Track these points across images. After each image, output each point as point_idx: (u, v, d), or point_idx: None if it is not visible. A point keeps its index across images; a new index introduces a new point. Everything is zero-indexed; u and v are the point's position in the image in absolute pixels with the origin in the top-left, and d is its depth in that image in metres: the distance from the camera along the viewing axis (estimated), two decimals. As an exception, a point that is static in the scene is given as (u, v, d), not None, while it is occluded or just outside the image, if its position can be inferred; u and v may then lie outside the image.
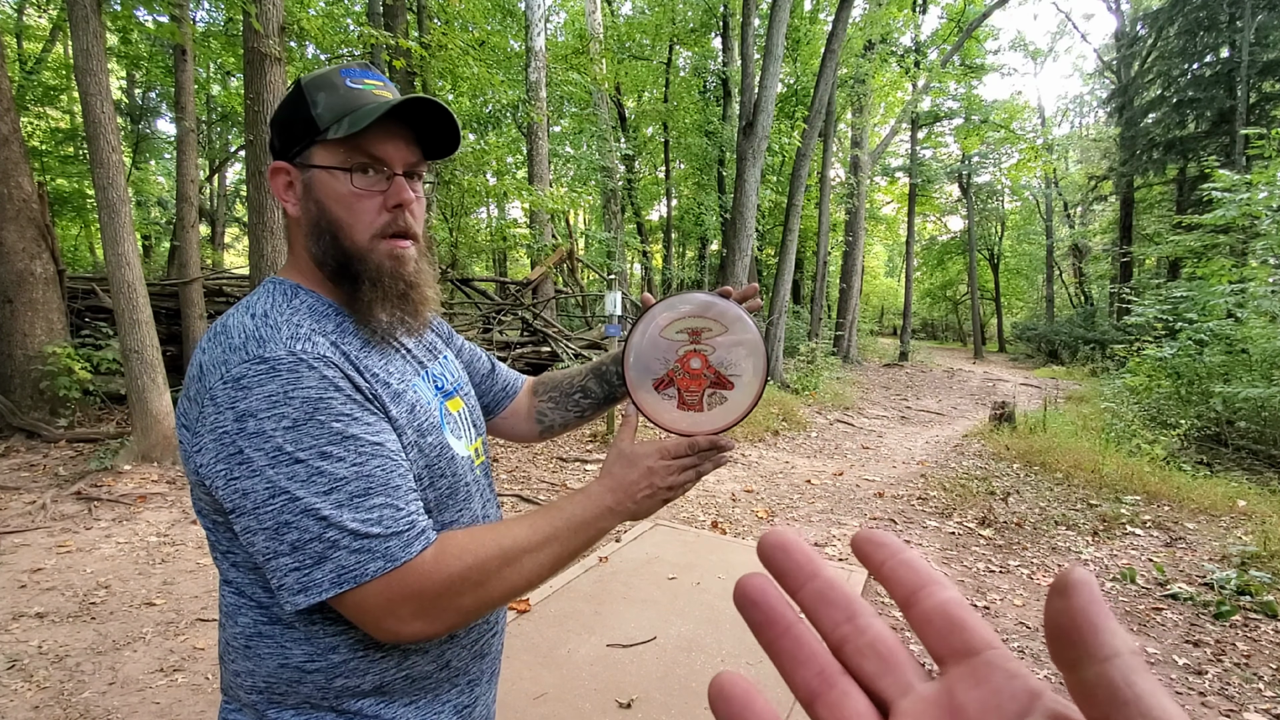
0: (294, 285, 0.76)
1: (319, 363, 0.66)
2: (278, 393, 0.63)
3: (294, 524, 0.62)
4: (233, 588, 0.73)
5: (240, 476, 0.63)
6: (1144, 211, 19.57)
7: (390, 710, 0.74)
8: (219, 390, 0.64)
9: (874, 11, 14.43)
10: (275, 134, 0.76)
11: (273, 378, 0.64)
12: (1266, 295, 7.10)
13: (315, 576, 0.63)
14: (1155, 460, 5.80)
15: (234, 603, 0.73)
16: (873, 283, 31.00)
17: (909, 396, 12.16)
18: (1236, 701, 2.48)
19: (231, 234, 18.50)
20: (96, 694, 2.25)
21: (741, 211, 9.27)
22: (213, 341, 0.68)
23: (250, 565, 0.71)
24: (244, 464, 0.63)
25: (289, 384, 0.64)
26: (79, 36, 4.21)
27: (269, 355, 0.65)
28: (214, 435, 0.64)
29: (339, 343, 0.71)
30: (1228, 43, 14.15)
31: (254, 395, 0.63)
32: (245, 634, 0.72)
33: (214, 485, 0.65)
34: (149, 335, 4.53)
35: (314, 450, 0.63)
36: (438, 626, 0.67)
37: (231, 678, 0.75)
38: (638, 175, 16.82)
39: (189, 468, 0.69)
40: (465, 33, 7.39)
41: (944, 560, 3.89)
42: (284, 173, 0.76)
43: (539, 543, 0.71)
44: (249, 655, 0.72)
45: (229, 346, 0.66)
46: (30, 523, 3.63)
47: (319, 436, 0.64)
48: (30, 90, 10.18)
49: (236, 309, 0.72)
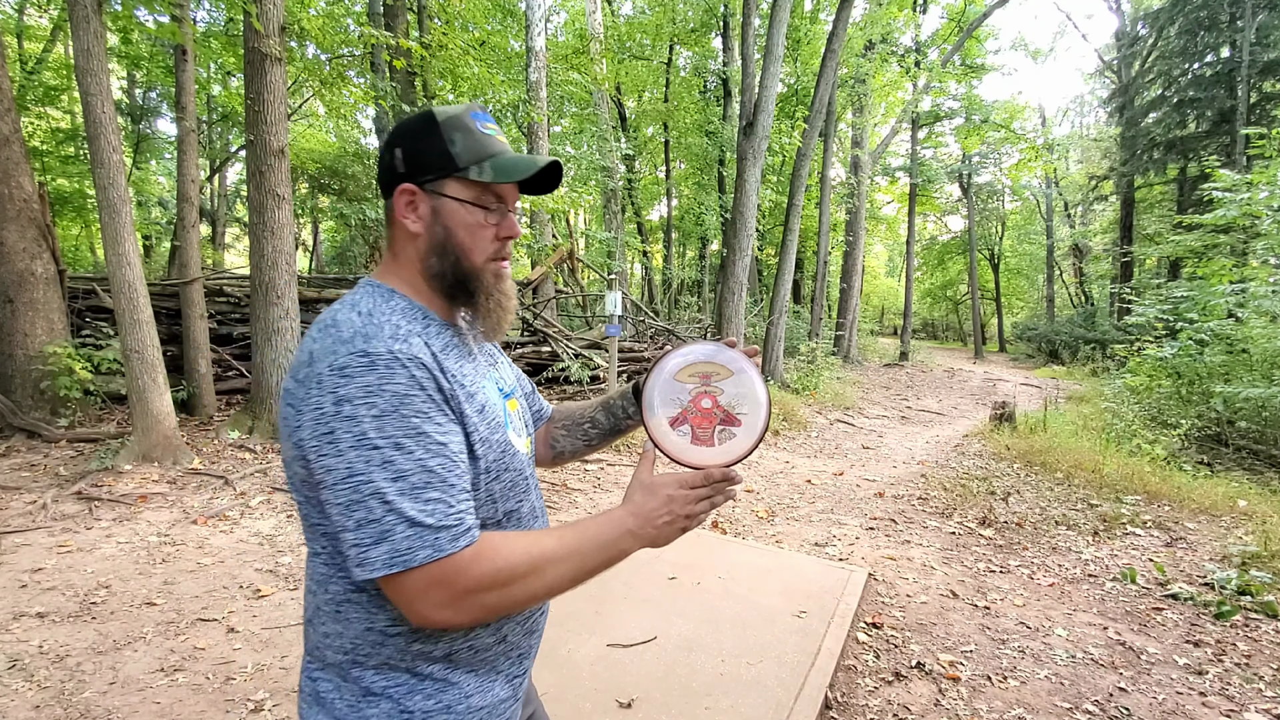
0: (389, 289, 0.85)
1: (411, 363, 0.74)
2: (373, 384, 0.72)
3: (362, 503, 0.70)
4: (322, 559, 0.81)
5: (328, 454, 0.71)
6: (1144, 211, 19.56)
7: (455, 675, 0.83)
8: (325, 376, 0.72)
9: (874, 11, 14.42)
10: (403, 158, 0.83)
11: (371, 370, 0.72)
12: (1267, 295, 7.09)
13: (371, 555, 0.70)
14: (1156, 460, 5.79)
15: (325, 572, 0.81)
16: (873, 283, 30.99)
17: (909, 396, 12.16)
18: (1237, 702, 2.48)
19: (232, 234, 18.49)
20: (97, 694, 2.26)
21: (742, 211, 9.26)
22: (323, 333, 0.77)
23: (331, 545, 0.79)
24: (333, 443, 0.71)
25: (383, 378, 0.72)
26: (80, 36, 4.21)
27: (371, 350, 0.73)
28: (314, 415, 0.72)
29: (429, 343, 0.80)
30: (1228, 42, 14.15)
31: (353, 384, 0.71)
32: (335, 600, 0.80)
33: (309, 458, 0.73)
34: (150, 335, 4.53)
35: (391, 440, 0.71)
36: (462, 619, 0.74)
37: (320, 639, 0.83)
38: (638, 175, 16.83)
39: (290, 443, 0.77)
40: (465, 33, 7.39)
41: (944, 560, 3.89)
42: (410, 194, 0.84)
43: (563, 556, 0.77)
44: (338, 619, 0.81)
45: (339, 339, 0.75)
46: (31, 522, 3.63)
47: (398, 428, 0.71)
48: (31, 90, 10.18)
49: (343, 305, 0.81)
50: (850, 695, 2.46)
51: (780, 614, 2.94)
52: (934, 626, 3.04)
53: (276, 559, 3.45)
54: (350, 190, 12.80)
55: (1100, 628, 3.07)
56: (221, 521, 3.87)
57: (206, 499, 4.17)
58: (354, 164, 13.05)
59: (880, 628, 2.99)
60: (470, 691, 0.84)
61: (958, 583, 3.55)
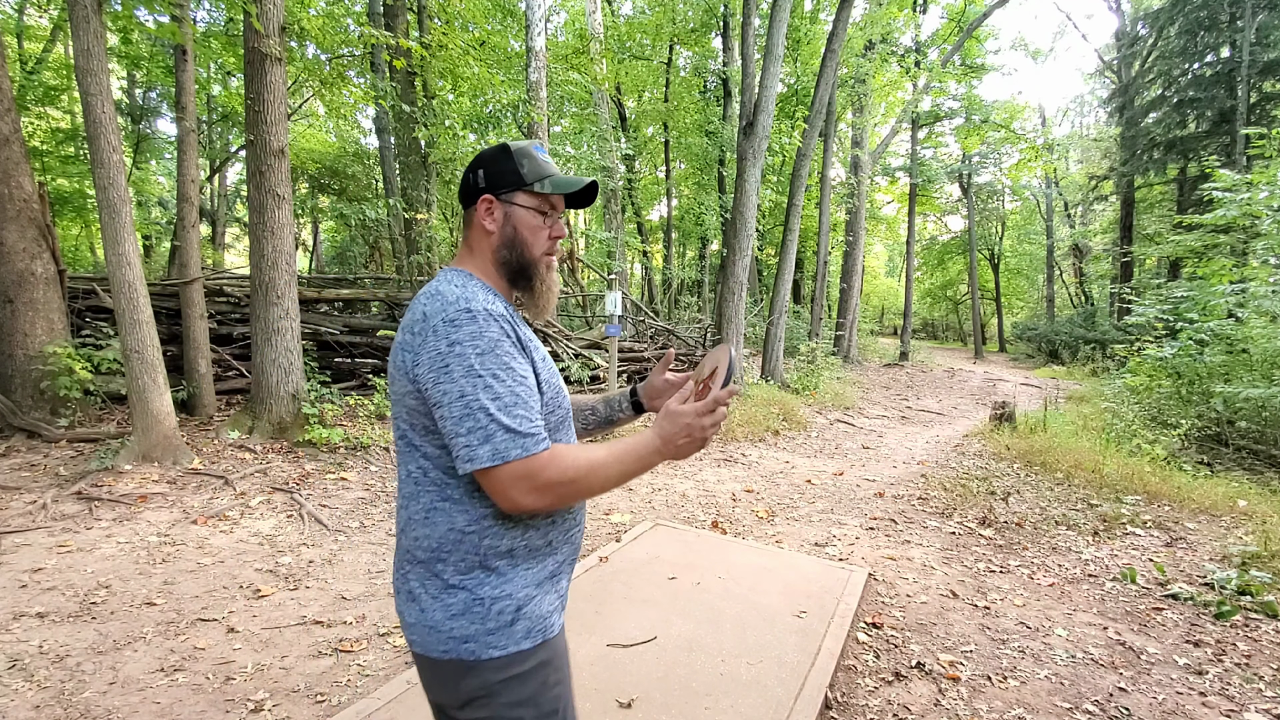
0: (468, 273, 1.12)
1: (500, 319, 1.02)
2: (476, 331, 0.99)
3: (471, 415, 0.96)
4: (415, 477, 1.07)
5: (444, 381, 0.98)
6: (1144, 211, 19.56)
7: (514, 570, 1.07)
8: (439, 325, 0.99)
9: (874, 11, 14.42)
10: (484, 176, 1.12)
11: (473, 321, 0.99)
12: (1267, 295, 7.08)
13: (479, 452, 0.96)
14: (1156, 460, 5.79)
15: (416, 489, 1.07)
16: (873, 283, 30.99)
17: (909, 396, 12.15)
18: (1237, 702, 2.48)
19: (232, 234, 18.49)
20: (97, 694, 2.26)
21: (742, 211, 9.26)
22: (430, 299, 1.04)
23: (435, 457, 1.05)
24: (448, 373, 0.98)
25: (482, 327, 0.99)
26: (80, 36, 4.21)
27: (473, 308, 1.00)
28: (431, 354, 0.99)
29: (506, 308, 1.08)
30: (1228, 42, 14.15)
31: (461, 331, 0.99)
32: (425, 508, 1.06)
33: (425, 387, 1.00)
34: (150, 335, 4.53)
35: (490, 371, 0.98)
36: (541, 504, 0.99)
37: (411, 543, 1.08)
38: (638, 175, 16.82)
39: (404, 380, 1.03)
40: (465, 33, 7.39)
41: (944, 560, 3.89)
42: (489, 202, 1.13)
43: (610, 463, 1.02)
44: (427, 524, 1.06)
45: (445, 301, 1.02)
46: (31, 522, 3.63)
47: (495, 363, 0.99)
48: (31, 90, 10.17)
49: (440, 281, 1.08)
50: (850, 695, 2.46)
51: (780, 614, 2.94)
52: (934, 626, 3.03)
53: (276, 559, 3.45)
54: (350, 190, 12.81)
55: (1100, 628, 3.07)
56: (221, 521, 3.87)
57: (206, 499, 4.17)
58: (354, 164, 13.06)
59: (880, 628, 2.99)
60: (526, 584, 1.07)
61: (958, 583, 3.55)
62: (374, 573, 3.38)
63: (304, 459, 5.05)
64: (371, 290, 8.53)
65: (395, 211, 8.28)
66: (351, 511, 4.23)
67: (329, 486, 4.61)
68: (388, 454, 5.42)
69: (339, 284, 9.11)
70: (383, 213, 9.40)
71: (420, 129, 6.39)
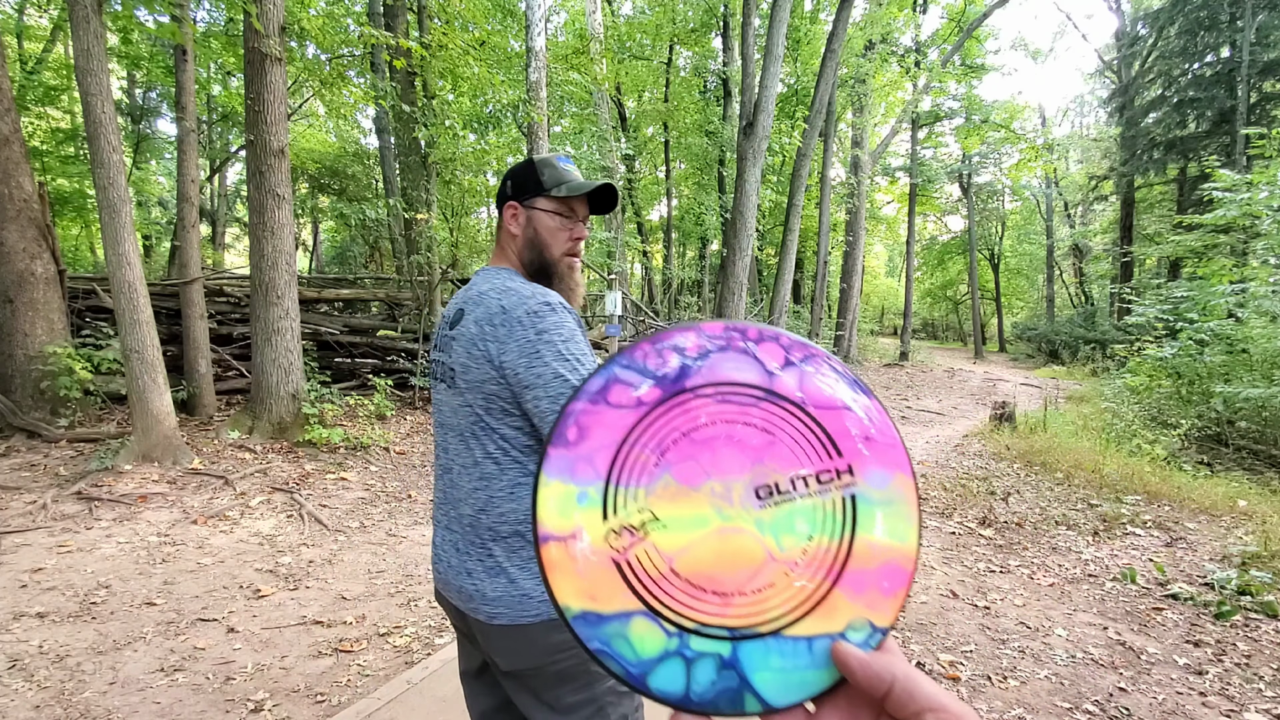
0: (511, 271, 1.23)
1: (571, 310, 1.13)
2: (558, 321, 1.08)
3: (564, 394, 1.02)
4: (494, 458, 1.14)
5: (536, 365, 1.05)
6: (1144, 211, 19.56)
7: None
8: (523, 316, 1.08)
9: (874, 11, 14.42)
10: (510, 186, 1.25)
11: (553, 312, 1.09)
12: (1267, 295, 7.08)
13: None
14: (1156, 460, 5.79)
15: (497, 469, 1.14)
16: (873, 283, 30.98)
17: (909, 396, 12.15)
18: (1237, 702, 2.48)
19: (232, 234, 18.49)
20: (97, 694, 2.25)
21: (742, 211, 9.26)
22: (504, 295, 1.12)
23: (512, 437, 1.13)
24: (539, 358, 1.05)
25: (562, 318, 1.09)
26: (80, 36, 4.21)
27: (550, 301, 1.10)
28: (518, 342, 1.07)
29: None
30: (1228, 42, 14.14)
31: (545, 320, 1.08)
32: (510, 484, 1.13)
33: (514, 373, 1.07)
34: (150, 335, 4.53)
35: (575, 357, 1.07)
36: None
37: (494, 522, 1.14)
38: (638, 175, 16.80)
39: (484, 368, 1.11)
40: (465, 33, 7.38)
41: (944, 560, 3.89)
42: (514, 208, 1.24)
43: None
44: (512, 499, 1.13)
45: (522, 296, 1.11)
46: (31, 522, 3.63)
47: (578, 350, 1.08)
48: (31, 90, 10.17)
49: (501, 278, 1.18)
50: (850, 695, 2.45)
51: (780, 614, 2.94)
52: (934, 626, 3.03)
53: (276, 559, 3.45)
54: (350, 190, 12.81)
55: (1100, 628, 3.07)
56: (221, 521, 3.87)
57: (206, 499, 4.17)
58: (354, 164, 13.06)
59: (880, 628, 2.99)
60: None
61: (958, 583, 3.55)
62: (374, 573, 3.38)
63: (304, 459, 5.05)
64: (371, 290, 8.53)
65: (395, 211, 8.28)
66: (351, 511, 4.23)
67: (329, 486, 4.61)
68: (387, 454, 5.42)
69: (339, 284, 9.11)
70: (383, 213, 9.40)
71: (420, 129, 6.39)
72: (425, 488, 4.86)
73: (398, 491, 4.70)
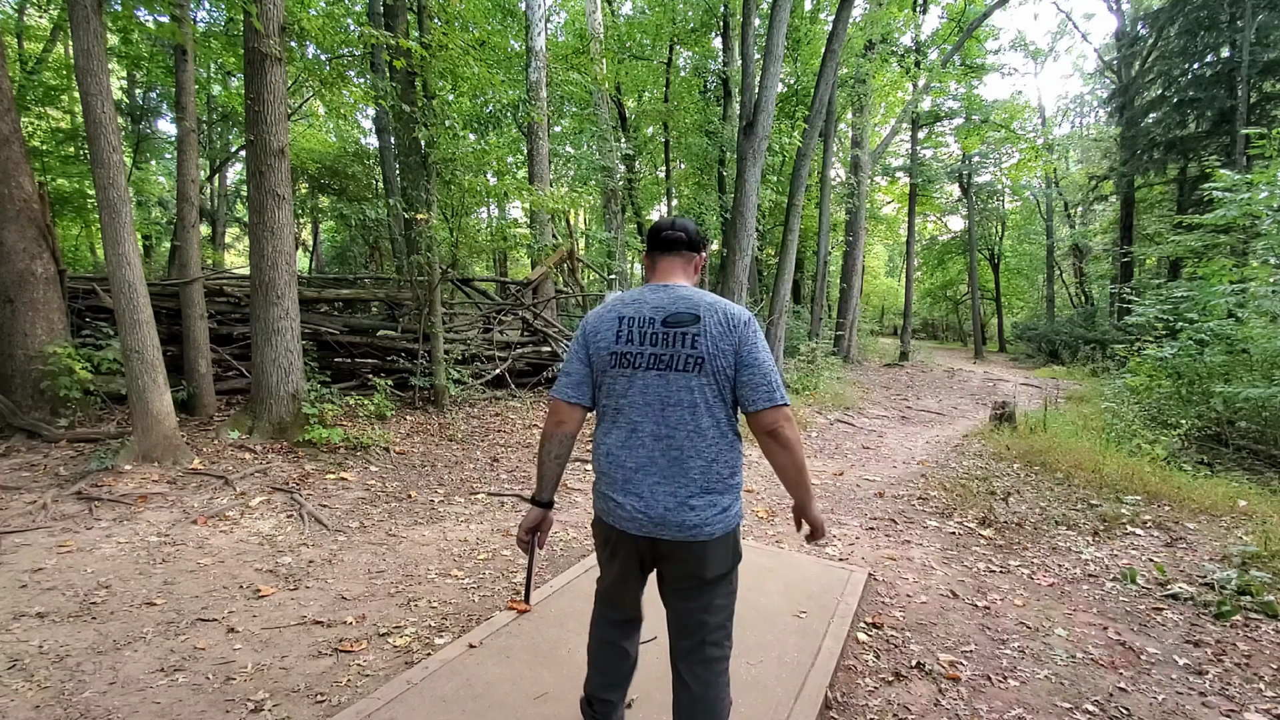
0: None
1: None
2: (757, 328, 1.65)
3: (774, 373, 1.61)
4: (719, 427, 1.62)
5: (758, 352, 1.60)
6: (1144, 211, 19.55)
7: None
8: (750, 320, 1.63)
9: (874, 11, 14.41)
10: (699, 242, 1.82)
11: (754, 321, 1.66)
12: (1267, 295, 7.08)
13: (778, 394, 1.59)
14: (1156, 460, 5.79)
15: (717, 434, 1.61)
16: (873, 283, 30.96)
17: (909, 396, 12.15)
18: (1237, 702, 2.48)
19: (232, 234, 18.49)
20: (97, 694, 2.25)
21: (742, 211, 9.26)
22: (730, 307, 1.64)
23: (725, 412, 1.64)
24: (760, 349, 1.61)
25: (758, 326, 1.65)
26: (79, 36, 4.21)
27: (748, 310, 1.69)
28: (751, 338, 1.61)
29: None
30: (1228, 42, 14.13)
31: (755, 323, 1.64)
32: (729, 444, 1.64)
33: (743, 357, 1.59)
34: (150, 335, 4.53)
35: (768, 350, 1.64)
36: (792, 432, 1.63)
37: (721, 470, 1.63)
38: (638, 175, 16.79)
39: (729, 356, 1.59)
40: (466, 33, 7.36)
41: (944, 560, 3.89)
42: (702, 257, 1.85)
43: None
44: (731, 450, 1.65)
45: (740, 310, 1.64)
46: (31, 522, 3.63)
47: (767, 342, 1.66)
48: (31, 90, 10.17)
49: (712, 295, 1.67)
50: (850, 695, 2.46)
51: (780, 614, 2.94)
52: (934, 626, 3.04)
53: (276, 559, 3.45)
54: (350, 190, 12.80)
55: (1100, 628, 3.07)
56: (221, 521, 3.87)
57: (206, 499, 4.17)
58: (354, 164, 13.05)
59: (880, 628, 2.99)
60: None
61: (958, 583, 3.55)
62: (374, 573, 3.38)
63: (304, 459, 5.05)
64: (371, 290, 8.53)
65: (395, 211, 8.28)
66: (351, 511, 4.23)
67: (329, 486, 4.62)
68: (388, 454, 5.42)
69: (339, 284, 9.11)
70: (383, 213, 9.39)
71: (420, 129, 6.38)
72: (425, 488, 4.86)
73: (398, 491, 4.70)
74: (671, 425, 1.58)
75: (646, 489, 1.58)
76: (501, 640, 2.63)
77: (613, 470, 1.64)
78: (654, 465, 1.59)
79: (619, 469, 1.62)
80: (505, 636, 2.66)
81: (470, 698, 2.23)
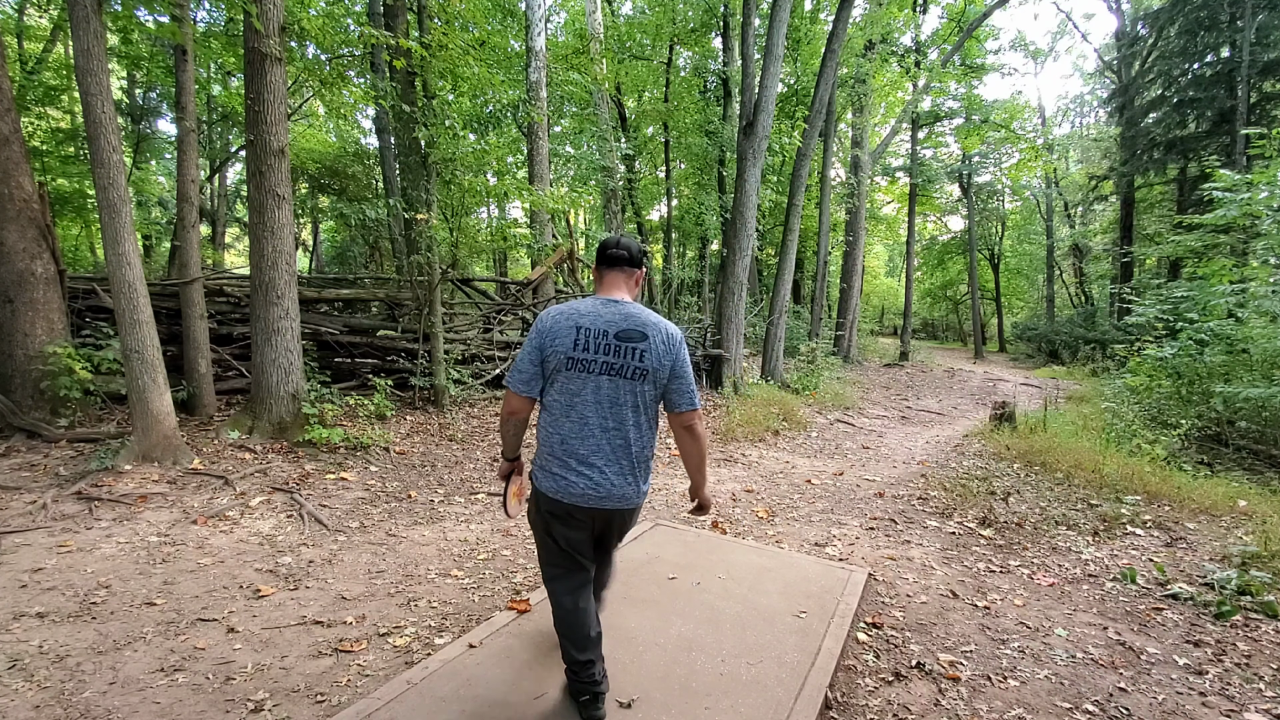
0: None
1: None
2: (686, 346, 2.14)
3: (693, 380, 2.07)
4: (651, 421, 2.06)
5: (686, 365, 2.04)
6: (1144, 211, 19.55)
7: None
8: (682, 340, 2.06)
9: (874, 11, 14.41)
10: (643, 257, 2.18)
11: (684, 339, 2.33)
12: (1267, 295, 7.08)
13: (696, 400, 2.07)
14: (1156, 460, 5.79)
15: (648, 427, 2.05)
16: (873, 283, 30.97)
17: (909, 396, 12.15)
18: (1237, 702, 2.48)
19: (232, 234, 18.50)
20: (97, 694, 2.26)
21: (742, 211, 9.26)
22: (668, 326, 2.03)
23: (655, 410, 2.07)
24: (688, 363, 2.05)
25: (686, 343, 2.10)
26: (79, 37, 4.21)
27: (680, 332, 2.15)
28: (683, 354, 2.04)
29: None
30: (1228, 42, 14.13)
31: (685, 343, 2.08)
32: (652, 435, 2.08)
33: (675, 369, 2.01)
34: (150, 335, 4.53)
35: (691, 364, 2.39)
36: (703, 430, 2.16)
37: (646, 453, 2.06)
38: (638, 175, 16.79)
39: (667, 362, 1.99)
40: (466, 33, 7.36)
41: (944, 560, 3.89)
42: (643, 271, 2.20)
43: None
44: (654, 441, 2.10)
45: (674, 329, 2.04)
46: (31, 522, 3.63)
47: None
48: (31, 90, 10.17)
49: (654, 314, 2.04)
50: (850, 695, 2.46)
51: (780, 614, 2.94)
52: (934, 626, 3.03)
53: (276, 559, 3.45)
54: (350, 190, 12.80)
55: (1100, 628, 3.07)
56: (221, 521, 3.87)
57: (206, 499, 4.17)
58: (354, 164, 13.05)
59: (880, 628, 2.99)
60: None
61: (958, 583, 3.55)
62: (374, 573, 3.38)
63: (304, 459, 5.05)
64: (371, 290, 8.52)
65: (395, 211, 8.28)
66: (351, 511, 4.23)
67: (329, 486, 4.61)
68: (387, 454, 5.42)
69: (339, 284, 9.11)
70: (383, 213, 9.39)
71: (420, 129, 6.38)
72: (425, 488, 4.86)
73: (398, 491, 4.70)
74: (618, 420, 1.97)
75: (597, 471, 1.96)
76: (501, 640, 2.63)
77: (566, 456, 1.98)
78: (601, 452, 1.96)
79: (572, 455, 1.97)
80: (505, 636, 2.66)
81: (470, 697, 2.23)
